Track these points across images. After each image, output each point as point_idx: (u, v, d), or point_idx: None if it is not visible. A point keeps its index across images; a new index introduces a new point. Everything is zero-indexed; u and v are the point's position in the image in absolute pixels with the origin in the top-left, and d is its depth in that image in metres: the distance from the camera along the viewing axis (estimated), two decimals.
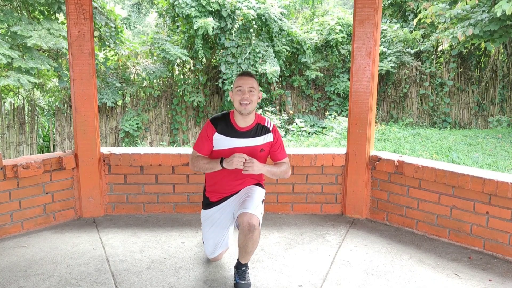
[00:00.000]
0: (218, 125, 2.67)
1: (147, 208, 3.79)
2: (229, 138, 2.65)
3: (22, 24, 8.63)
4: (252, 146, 2.67)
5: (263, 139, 2.70)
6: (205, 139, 2.69)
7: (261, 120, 2.73)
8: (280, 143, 2.76)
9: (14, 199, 3.32)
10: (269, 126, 2.74)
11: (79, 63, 3.52)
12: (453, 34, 9.63)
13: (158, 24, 12.01)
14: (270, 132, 2.72)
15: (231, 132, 2.66)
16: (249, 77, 2.64)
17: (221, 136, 2.66)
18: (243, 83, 2.61)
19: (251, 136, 2.68)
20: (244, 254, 2.56)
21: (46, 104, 10.69)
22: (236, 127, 2.67)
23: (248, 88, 2.60)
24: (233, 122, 2.68)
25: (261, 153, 2.70)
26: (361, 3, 3.48)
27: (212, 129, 2.67)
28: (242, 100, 2.58)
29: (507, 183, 2.87)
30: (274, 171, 2.72)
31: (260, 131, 2.70)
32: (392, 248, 3.13)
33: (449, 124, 11.99)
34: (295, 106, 12.14)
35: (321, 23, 12.55)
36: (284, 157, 2.80)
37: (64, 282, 2.62)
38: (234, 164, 2.53)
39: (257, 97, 2.64)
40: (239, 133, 2.66)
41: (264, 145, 2.70)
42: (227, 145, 2.65)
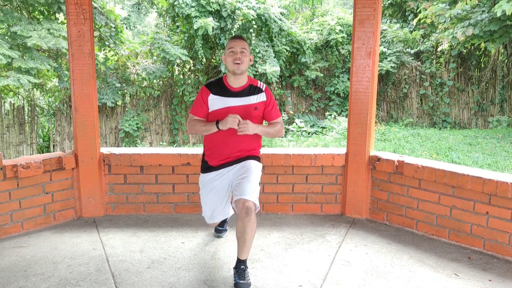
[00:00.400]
0: (212, 87, 2.82)
1: (147, 208, 3.79)
2: (224, 98, 2.78)
3: (22, 24, 8.63)
4: (246, 104, 2.78)
5: (256, 98, 2.81)
6: (200, 103, 2.82)
7: (253, 82, 2.86)
8: (273, 103, 2.87)
9: (14, 199, 3.32)
10: (261, 86, 2.86)
11: (79, 63, 3.52)
12: (453, 34, 9.63)
13: (158, 24, 12.01)
14: (262, 91, 2.83)
15: (225, 93, 2.79)
16: (241, 40, 2.77)
17: (216, 96, 2.79)
18: (235, 44, 2.73)
19: (244, 95, 2.79)
20: (243, 244, 2.59)
21: (46, 104, 10.69)
22: (229, 88, 2.80)
23: (240, 49, 2.72)
24: (226, 83, 2.82)
25: (255, 112, 2.79)
26: (361, 3, 3.48)
27: (206, 92, 2.81)
28: (234, 60, 2.71)
29: (507, 183, 2.87)
30: (268, 130, 2.84)
31: (253, 91, 2.82)
32: (392, 248, 3.13)
33: (449, 124, 11.99)
34: (295, 106, 12.14)
35: (321, 23, 12.55)
36: (277, 116, 2.90)
37: (64, 282, 2.62)
38: (229, 123, 2.65)
39: (248, 59, 2.76)
40: (233, 93, 2.79)
41: (257, 104, 2.80)
42: (222, 105, 2.77)
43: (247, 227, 2.56)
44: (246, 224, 2.55)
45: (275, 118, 2.89)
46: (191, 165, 3.69)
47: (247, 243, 2.59)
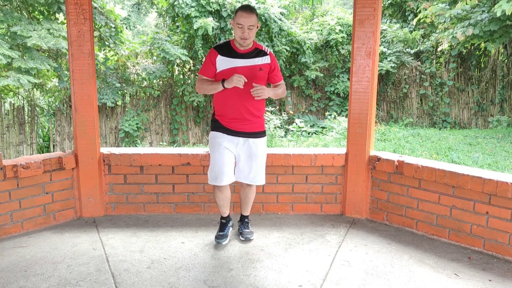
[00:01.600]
0: (220, 49, 3.02)
1: (147, 208, 3.79)
2: (231, 58, 2.98)
3: (22, 24, 8.62)
4: (252, 65, 2.99)
5: (261, 60, 3.03)
6: (208, 64, 3.03)
7: (259, 46, 3.07)
8: (277, 66, 3.11)
9: (14, 199, 3.32)
10: (266, 50, 3.08)
11: (79, 63, 3.52)
12: (453, 34, 9.63)
13: (158, 24, 12.00)
14: (267, 55, 3.07)
15: (232, 54, 2.99)
16: (250, 14, 2.91)
17: (223, 57, 2.99)
18: (243, 21, 2.89)
19: (250, 57, 3.01)
20: (246, 205, 3.27)
21: (46, 104, 10.69)
22: (236, 50, 3.01)
23: (248, 26, 2.90)
24: (233, 46, 3.02)
25: (260, 72, 3.01)
26: (361, 3, 3.48)
27: (215, 53, 3.01)
28: (242, 36, 2.92)
29: (507, 183, 2.87)
30: (277, 93, 3.15)
31: (258, 53, 3.04)
32: (392, 248, 3.13)
33: (449, 124, 11.99)
34: (295, 106, 12.14)
35: (321, 23, 12.54)
36: (281, 79, 3.18)
37: (64, 282, 2.62)
38: (234, 82, 2.86)
39: (255, 32, 2.96)
40: (240, 55, 3.00)
41: (262, 65, 3.03)
42: (229, 65, 2.98)
43: (249, 193, 3.23)
44: (248, 192, 3.23)
45: (278, 81, 3.16)
46: (191, 165, 3.69)
47: (249, 203, 3.28)
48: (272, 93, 3.08)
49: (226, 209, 3.22)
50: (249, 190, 3.22)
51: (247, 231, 3.23)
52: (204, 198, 3.77)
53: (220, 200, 3.15)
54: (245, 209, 3.30)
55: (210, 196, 3.74)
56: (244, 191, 3.22)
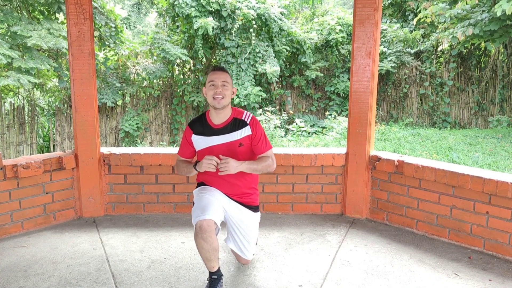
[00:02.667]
0: (194, 126, 2.67)
1: (147, 208, 3.79)
2: (206, 137, 2.63)
3: (22, 24, 8.63)
4: (229, 142, 2.60)
5: (241, 133, 2.61)
6: (184, 143, 2.71)
7: (238, 114, 2.65)
8: (260, 135, 2.63)
9: (14, 199, 3.32)
10: (246, 119, 2.64)
11: (79, 63, 3.52)
12: (453, 34, 9.63)
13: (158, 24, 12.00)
14: (247, 125, 2.62)
15: (207, 131, 2.63)
16: (222, 72, 2.61)
17: (198, 136, 2.65)
18: (216, 77, 2.57)
19: (227, 132, 2.61)
20: None
21: (46, 104, 10.69)
22: (211, 125, 2.63)
23: (221, 83, 2.56)
24: (208, 120, 2.65)
25: (240, 148, 2.61)
26: (361, 3, 3.48)
27: (189, 132, 2.68)
28: (215, 94, 2.54)
29: (507, 183, 2.87)
30: (255, 167, 2.58)
31: (236, 126, 2.62)
32: (392, 248, 3.13)
33: (449, 124, 11.99)
34: (295, 106, 12.13)
35: (321, 23, 12.54)
36: (266, 149, 2.65)
37: (64, 282, 2.62)
38: (203, 166, 2.49)
39: (231, 92, 2.60)
40: (215, 131, 2.62)
41: (242, 139, 2.61)
42: (205, 144, 2.63)
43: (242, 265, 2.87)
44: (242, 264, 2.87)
45: (263, 152, 2.64)
46: None
47: None
48: (244, 167, 2.53)
49: (214, 263, 2.49)
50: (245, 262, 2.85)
51: None
52: None
53: (205, 252, 2.41)
54: None
55: None
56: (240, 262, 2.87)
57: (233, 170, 2.48)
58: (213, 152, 2.56)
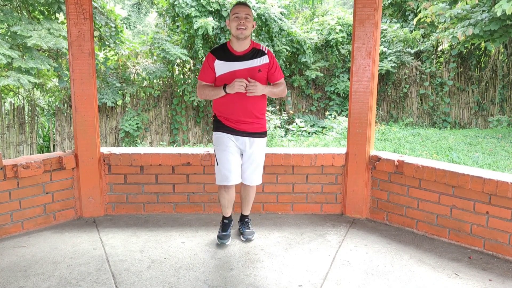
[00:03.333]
0: (217, 53, 2.98)
1: (147, 208, 3.79)
2: (229, 62, 2.95)
3: (22, 24, 8.63)
4: (250, 67, 2.95)
5: (260, 60, 2.97)
6: (207, 68, 3.00)
7: (256, 45, 3.01)
8: (276, 65, 3.04)
9: (14, 199, 3.32)
10: (264, 49, 3.01)
11: (79, 63, 3.52)
12: (453, 34, 9.62)
13: (158, 24, 12.00)
14: (265, 54, 3.00)
15: (229, 57, 2.96)
16: (245, 6, 2.92)
17: (221, 62, 2.96)
18: (239, 10, 2.89)
19: (248, 58, 2.96)
20: (246, 204, 3.26)
21: (46, 104, 10.69)
22: (233, 52, 2.97)
23: (244, 15, 2.88)
24: (230, 48, 2.98)
25: (259, 74, 2.96)
26: (361, 3, 3.48)
27: (212, 58, 2.98)
28: (239, 25, 2.87)
29: (507, 183, 2.87)
30: (274, 91, 3.05)
31: (256, 54, 2.98)
32: (392, 248, 3.13)
33: (449, 124, 11.99)
34: (295, 106, 12.14)
35: (321, 23, 12.54)
36: (280, 77, 3.09)
37: (64, 282, 2.63)
38: (236, 87, 2.85)
39: (251, 25, 2.92)
40: (237, 57, 2.95)
41: (261, 66, 2.97)
42: (228, 69, 2.95)
43: (250, 192, 3.21)
44: (249, 190, 3.20)
45: (278, 79, 3.08)
46: (191, 165, 3.69)
47: (250, 202, 3.26)
48: (268, 90, 3.00)
49: (229, 210, 3.21)
50: (250, 189, 3.21)
51: (248, 231, 3.24)
52: (204, 198, 3.76)
53: (225, 201, 3.12)
54: (245, 208, 3.30)
55: (211, 196, 3.74)
56: (246, 190, 3.21)
57: (260, 92, 2.92)
58: (235, 76, 2.91)
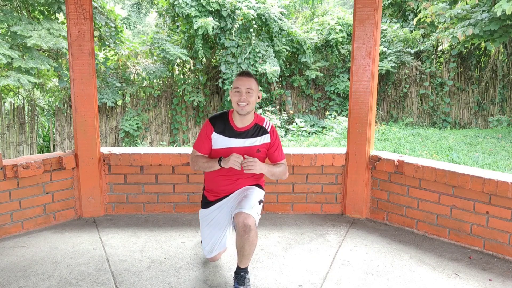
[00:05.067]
0: (217, 124, 2.71)
1: (147, 208, 3.79)
2: (227, 137, 2.68)
3: (22, 24, 8.63)
4: (249, 146, 2.69)
5: (260, 139, 2.72)
6: (204, 138, 2.72)
7: (260, 120, 2.75)
8: (277, 145, 2.77)
9: (14, 199, 3.32)
10: (267, 127, 2.75)
11: (79, 63, 3.52)
12: (453, 34, 9.63)
13: (158, 24, 12.00)
14: (267, 133, 2.73)
15: (229, 132, 2.69)
16: (248, 78, 2.64)
17: (219, 135, 2.69)
18: (241, 84, 2.62)
19: (248, 136, 2.70)
20: (242, 257, 2.53)
21: (46, 104, 10.69)
22: (234, 127, 2.70)
23: (246, 90, 2.60)
24: (231, 121, 2.71)
25: (257, 154, 2.71)
26: (361, 3, 3.48)
27: (210, 128, 2.71)
28: (239, 101, 2.60)
29: (507, 183, 2.87)
30: (274, 171, 2.73)
31: (257, 132, 2.72)
32: (392, 248, 3.13)
33: (449, 124, 11.98)
34: (295, 106, 12.13)
35: (321, 23, 12.54)
36: (282, 158, 2.80)
37: (64, 282, 2.62)
38: (231, 163, 2.55)
39: (255, 98, 2.65)
40: (237, 133, 2.69)
41: (260, 146, 2.72)
42: (225, 145, 2.69)
43: (245, 243, 2.48)
44: (244, 241, 2.48)
45: (279, 160, 2.79)
46: None
47: (245, 256, 2.54)
48: (267, 169, 2.66)
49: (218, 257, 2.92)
50: (246, 238, 2.47)
51: None
52: None
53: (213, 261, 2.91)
54: (240, 261, 2.57)
55: None
56: (241, 239, 2.49)
57: (258, 170, 2.60)
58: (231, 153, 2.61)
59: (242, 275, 2.56)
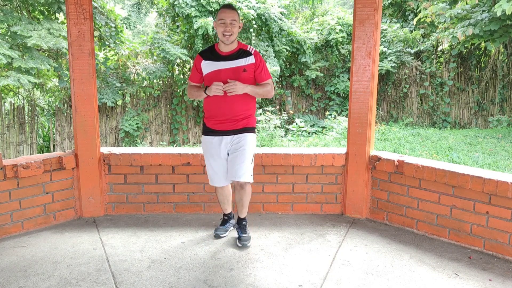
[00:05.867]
0: (204, 54, 3.08)
1: (147, 208, 3.79)
2: (214, 62, 3.01)
3: (22, 24, 8.62)
4: (235, 67, 2.98)
5: (245, 61, 3.00)
6: (194, 70, 3.12)
7: (243, 46, 3.05)
8: (262, 65, 3.04)
9: (14, 199, 3.32)
10: (251, 50, 3.04)
11: (79, 63, 3.53)
12: (453, 34, 9.63)
13: (158, 24, 12.00)
14: (251, 55, 3.02)
15: (215, 57, 3.02)
16: (231, 10, 2.96)
17: (207, 61, 3.03)
18: (225, 16, 2.93)
19: (233, 58, 3.00)
20: (241, 208, 3.15)
21: (46, 104, 10.69)
22: (220, 53, 3.03)
23: (230, 21, 2.92)
24: (217, 49, 3.05)
25: (244, 74, 2.98)
26: (361, 3, 3.48)
27: (199, 59, 3.08)
28: (225, 32, 2.92)
29: (507, 183, 2.86)
30: (257, 91, 3.04)
31: (242, 54, 3.02)
32: (392, 248, 3.13)
33: (449, 124, 11.99)
34: (295, 106, 12.13)
35: (321, 23, 12.55)
36: (267, 78, 3.07)
37: (64, 282, 2.62)
38: (213, 91, 2.92)
39: (237, 28, 2.97)
40: (223, 57, 3.01)
41: (246, 66, 2.99)
42: (213, 68, 3.01)
43: (242, 196, 3.09)
44: (241, 194, 3.09)
45: (265, 80, 3.07)
46: (191, 165, 3.69)
47: (244, 206, 3.15)
48: (249, 89, 2.99)
49: (227, 206, 3.30)
50: (242, 192, 3.09)
51: (245, 237, 3.12)
52: (204, 198, 3.77)
53: (220, 196, 3.26)
54: (240, 211, 3.20)
55: (210, 196, 3.75)
56: (238, 193, 3.11)
57: (240, 90, 2.93)
58: (220, 75, 2.97)
59: (244, 224, 3.19)
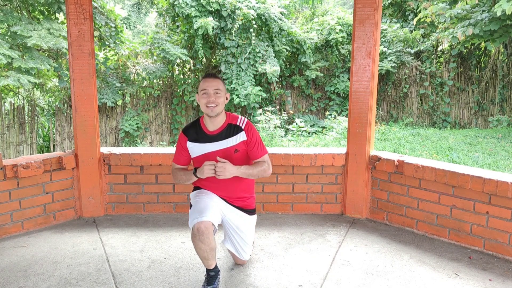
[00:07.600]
0: (189, 133, 2.65)
1: (147, 208, 3.79)
2: (201, 144, 2.61)
3: (22, 24, 8.62)
4: (225, 148, 2.59)
5: (236, 139, 2.60)
6: (180, 150, 2.68)
7: (232, 119, 2.64)
8: (255, 141, 2.63)
9: (14, 199, 3.32)
10: (241, 124, 2.62)
11: (79, 63, 3.53)
12: (453, 34, 9.62)
13: (158, 24, 12.00)
14: (242, 130, 2.61)
15: (202, 138, 2.62)
16: (214, 79, 2.57)
17: (193, 143, 2.63)
18: (208, 85, 2.54)
19: (222, 138, 2.59)
20: None
21: (46, 104, 10.69)
22: (206, 132, 2.62)
23: (213, 91, 2.53)
24: (203, 127, 2.63)
25: (236, 154, 2.60)
26: (361, 3, 3.48)
27: (184, 138, 2.66)
28: (208, 103, 2.52)
29: (507, 183, 2.87)
30: (250, 172, 2.59)
31: (231, 132, 2.61)
32: (392, 248, 3.13)
33: (449, 124, 11.98)
34: (295, 106, 12.13)
35: (321, 23, 12.54)
36: (262, 154, 2.65)
37: (64, 282, 2.62)
38: (205, 173, 2.49)
39: (224, 99, 2.58)
40: (210, 137, 2.60)
41: (237, 145, 2.60)
42: (200, 151, 2.62)
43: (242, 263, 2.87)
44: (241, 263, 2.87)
45: (259, 157, 2.64)
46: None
47: None
48: (240, 172, 2.53)
49: (212, 261, 2.50)
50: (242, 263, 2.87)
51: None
52: None
53: (203, 252, 2.43)
54: None
55: None
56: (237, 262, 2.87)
57: (229, 175, 2.50)
58: (208, 159, 2.55)
59: None
